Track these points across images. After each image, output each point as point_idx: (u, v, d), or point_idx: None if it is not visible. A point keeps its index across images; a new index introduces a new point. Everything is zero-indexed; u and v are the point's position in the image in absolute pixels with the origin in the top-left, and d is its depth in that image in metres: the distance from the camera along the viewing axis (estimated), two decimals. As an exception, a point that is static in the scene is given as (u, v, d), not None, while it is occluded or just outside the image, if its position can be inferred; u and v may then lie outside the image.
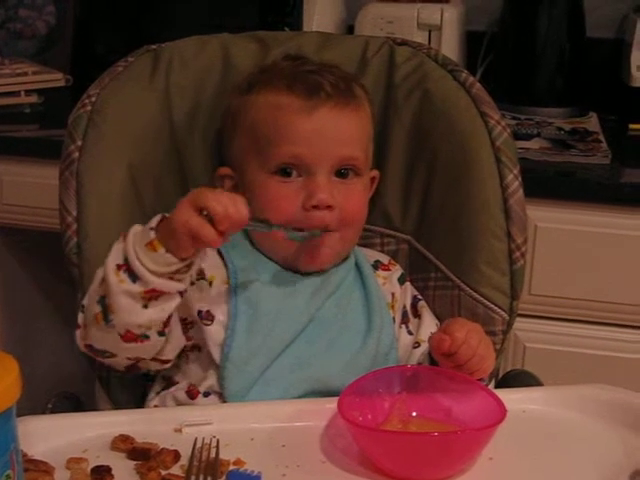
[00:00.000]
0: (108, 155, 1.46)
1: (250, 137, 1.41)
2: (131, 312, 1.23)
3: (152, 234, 1.20)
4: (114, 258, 1.23)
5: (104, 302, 1.24)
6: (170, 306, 1.25)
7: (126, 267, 1.21)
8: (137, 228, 1.24)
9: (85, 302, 1.30)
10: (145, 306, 1.23)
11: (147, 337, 1.27)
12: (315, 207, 1.37)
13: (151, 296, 1.22)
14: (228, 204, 1.19)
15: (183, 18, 2.27)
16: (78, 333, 1.32)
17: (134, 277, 1.21)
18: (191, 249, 1.20)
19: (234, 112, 1.45)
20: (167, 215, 1.22)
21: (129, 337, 1.26)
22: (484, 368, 1.31)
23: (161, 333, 1.28)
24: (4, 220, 2.28)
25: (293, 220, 1.38)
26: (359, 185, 1.43)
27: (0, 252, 2.37)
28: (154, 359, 1.33)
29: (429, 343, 1.34)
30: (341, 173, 1.40)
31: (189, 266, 1.23)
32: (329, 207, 1.38)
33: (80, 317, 1.31)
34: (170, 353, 1.34)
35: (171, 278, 1.22)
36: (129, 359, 1.32)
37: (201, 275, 1.39)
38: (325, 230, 1.38)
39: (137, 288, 1.21)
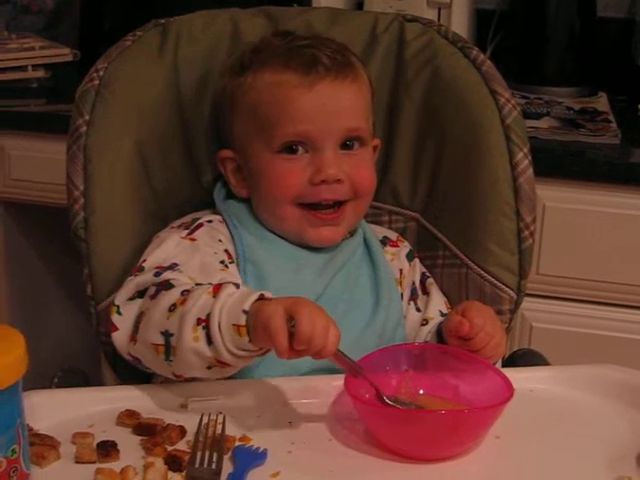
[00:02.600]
0: (116, 129, 1.46)
1: (251, 118, 1.41)
2: (194, 368, 1.20)
3: (243, 319, 1.14)
4: (198, 309, 1.17)
5: (170, 341, 1.20)
6: (230, 373, 1.23)
7: (206, 327, 1.16)
8: (231, 290, 1.18)
9: (129, 309, 1.28)
10: (209, 367, 1.19)
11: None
12: (324, 181, 1.37)
13: (218, 364, 1.19)
14: (319, 331, 1.10)
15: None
16: (116, 337, 1.29)
17: (210, 341, 1.16)
18: (267, 345, 1.15)
19: (230, 95, 1.44)
20: (265, 296, 1.16)
21: (180, 378, 1.25)
22: (496, 355, 1.32)
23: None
24: (11, 195, 2.28)
25: (301, 194, 1.38)
26: (365, 154, 1.43)
27: (7, 227, 2.38)
28: None
29: (445, 323, 1.34)
30: (346, 145, 1.40)
31: (264, 354, 1.18)
32: (338, 181, 1.38)
33: (118, 320, 1.29)
34: None
35: (242, 358, 1.17)
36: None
37: (231, 259, 1.39)
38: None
39: (209, 353, 1.16)
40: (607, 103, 2.27)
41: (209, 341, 1.16)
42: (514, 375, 1.20)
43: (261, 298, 1.16)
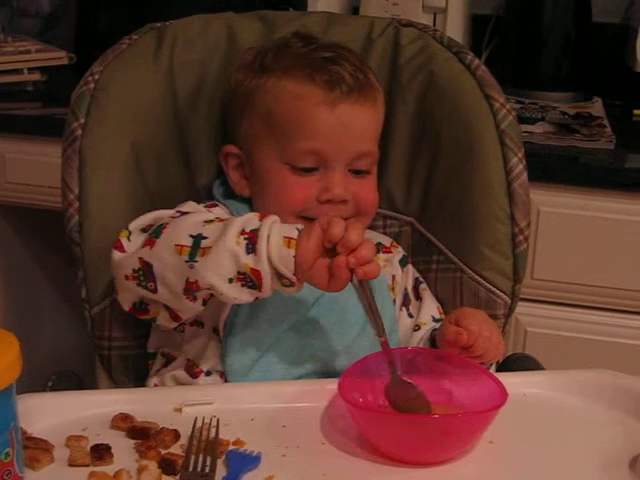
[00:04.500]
0: (111, 133, 1.46)
1: (265, 123, 1.40)
2: (217, 273, 1.20)
3: (295, 232, 1.18)
4: (243, 222, 1.20)
5: (199, 243, 1.21)
6: (241, 300, 1.23)
7: (250, 237, 1.19)
8: (277, 219, 1.22)
9: (139, 240, 1.28)
10: (230, 281, 1.20)
11: (195, 299, 1.25)
12: (329, 201, 1.38)
13: (245, 278, 1.19)
14: (368, 245, 1.17)
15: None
16: (120, 255, 1.29)
17: (251, 249, 1.18)
18: (312, 258, 1.17)
19: (246, 93, 1.43)
20: None
21: (189, 288, 1.23)
22: (498, 355, 1.33)
23: (204, 302, 1.26)
24: (7, 198, 2.28)
25: (305, 209, 1.39)
26: (371, 176, 1.44)
27: (2, 230, 2.38)
28: (172, 312, 1.31)
29: (440, 334, 1.34)
30: (355, 166, 1.40)
31: (290, 286, 1.20)
32: (343, 201, 1.38)
33: (126, 243, 1.29)
34: (186, 315, 1.32)
35: (275, 275, 1.19)
36: (156, 300, 1.30)
37: None
38: None
39: (245, 259, 1.18)
40: (602, 108, 2.28)
41: (249, 250, 1.18)
42: (508, 380, 1.20)
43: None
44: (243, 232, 1.19)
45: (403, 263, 1.52)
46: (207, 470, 1.09)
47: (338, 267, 1.17)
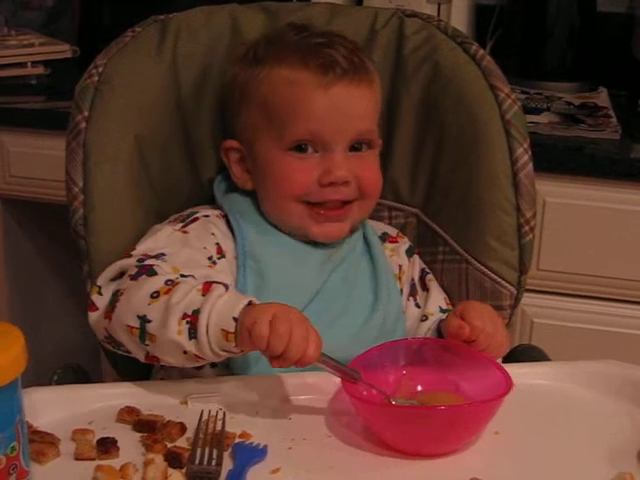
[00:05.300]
0: (115, 125, 1.46)
1: (262, 113, 1.40)
2: (170, 355, 1.22)
3: (232, 326, 1.16)
4: (185, 305, 1.19)
5: (145, 327, 1.21)
6: (204, 363, 1.24)
7: (190, 322, 1.18)
8: (220, 291, 1.19)
9: (110, 290, 1.29)
10: (185, 352, 1.20)
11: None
12: (332, 183, 1.37)
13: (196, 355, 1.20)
14: (296, 339, 1.13)
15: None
16: (94, 316, 1.30)
17: (193, 336, 1.18)
18: (249, 346, 1.16)
19: (242, 85, 1.43)
20: (252, 302, 1.18)
21: (152, 360, 1.25)
22: (500, 353, 1.32)
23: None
24: (11, 192, 2.28)
25: (308, 193, 1.38)
26: (373, 156, 1.43)
27: (7, 224, 2.37)
28: None
29: (444, 326, 1.34)
30: (355, 147, 1.40)
31: (244, 354, 1.21)
32: (345, 182, 1.38)
33: (98, 299, 1.30)
34: None
35: (222, 357, 1.20)
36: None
37: (221, 254, 1.39)
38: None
39: (189, 347, 1.18)
40: (607, 98, 2.27)
41: (191, 336, 1.18)
42: (514, 371, 1.19)
43: (249, 304, 1.17)
44: (185, 316, 1.18)
45: (409, 253, 1.52)
46: (213, 463, 1.09)
47: (273, 366, 1.16)
